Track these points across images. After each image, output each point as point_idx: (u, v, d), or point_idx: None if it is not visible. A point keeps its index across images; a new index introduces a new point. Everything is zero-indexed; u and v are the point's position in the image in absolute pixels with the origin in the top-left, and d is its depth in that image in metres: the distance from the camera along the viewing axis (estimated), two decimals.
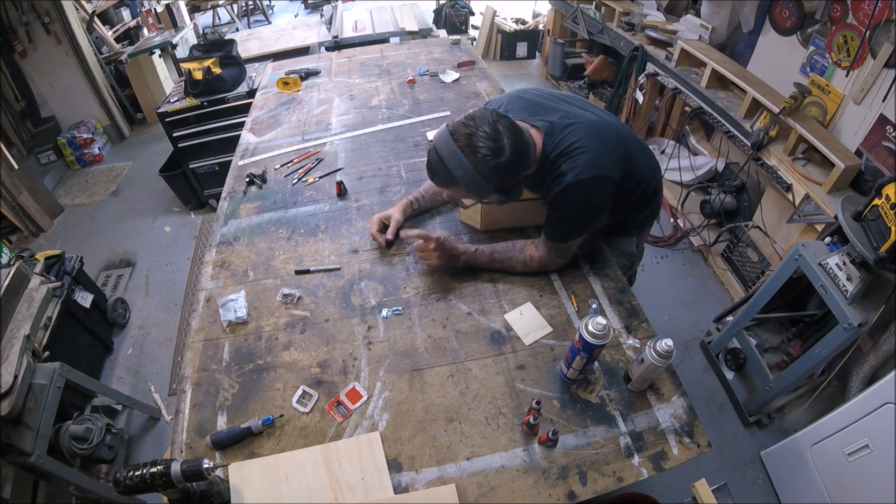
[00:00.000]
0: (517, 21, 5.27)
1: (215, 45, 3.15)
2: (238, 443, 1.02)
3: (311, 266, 1.40)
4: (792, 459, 1.74)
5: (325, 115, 2.15)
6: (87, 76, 4.01)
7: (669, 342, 0.95)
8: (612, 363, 1.12)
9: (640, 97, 3.16)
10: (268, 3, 7.22)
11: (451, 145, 1.06)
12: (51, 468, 1.53)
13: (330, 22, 3.80)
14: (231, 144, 2.25)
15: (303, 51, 3.53)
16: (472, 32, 5.64)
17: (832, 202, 1.87)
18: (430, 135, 1.91)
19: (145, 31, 4.77)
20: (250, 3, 6.70)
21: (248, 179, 1.75)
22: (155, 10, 4.79)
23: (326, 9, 4.06)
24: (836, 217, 1.69)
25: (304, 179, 1.76)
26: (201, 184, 3.30)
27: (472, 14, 5.59)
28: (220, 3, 6.07)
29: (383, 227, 1.46)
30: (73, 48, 3.86)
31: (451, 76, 2.36)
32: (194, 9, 5.82)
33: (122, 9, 4.71)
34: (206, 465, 0.85)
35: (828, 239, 1.74)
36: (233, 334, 1.24)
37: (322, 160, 1.85)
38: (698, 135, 3.16)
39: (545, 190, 1.21)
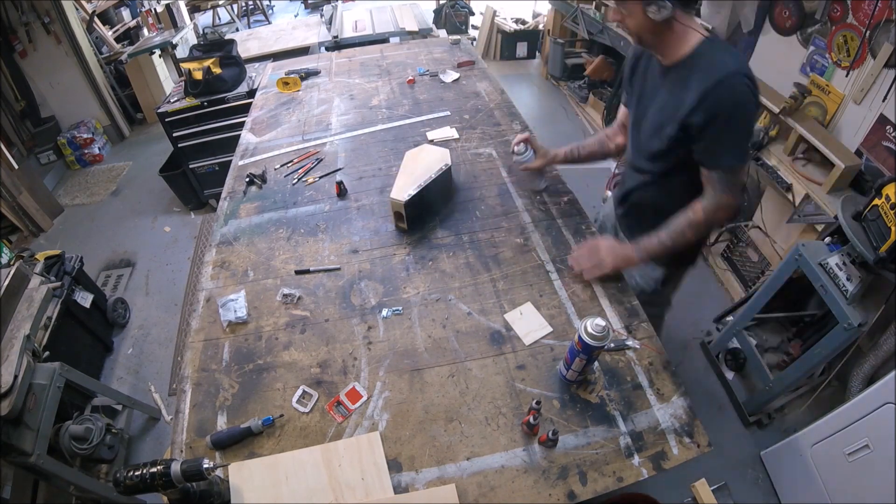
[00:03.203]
0: (517, 21, 5.27)
1: (215, 45, 3.15)
2: (238, 443, 1.02)
3: (311, 266, 1.40)
4: (792, 459, 1.74)
5: (325, 115, 2.15)
6: (87, 76, 4.01)
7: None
8: (612, 363, 1.12)
9: None
10: (268, 3, 7.22)
11: None
12: (51, 468, 1.53)
13: (330, 22, 3.81)
14: (231, 144, 2.25)
15: (303, 51, 3.53)
16: (472, 32, 5.64)
17: (832, 202, 1.87)
18: (431, 134, 1.91)
19: (145, 31, 4.78)
20: (250, 3, 6.70)
21: (248, 179, 1.75)
22: (155, 10, 4.80)
23: (326, 9, 4.07)
24: (836, 217, 1.69)
25: (304, 179, 1.76)
26: (201, 184, 3.30)
27: (472, 14, 5.60)
28: (220, 3, 6.07)
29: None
30: (73, 48, 3.86)
31: (451, 76, 2.36)
32: (194, 9, 5.82)
33: (122, 9, 4.72)
34: (206, 465, 0.85)
35: (828, 239, 1.74)
36: (233, 334, 1.24)
37: (322, 160, 1.85)
38: None
39: (695, 81, 1.08)
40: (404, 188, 1.44)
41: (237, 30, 5.75)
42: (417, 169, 1.50)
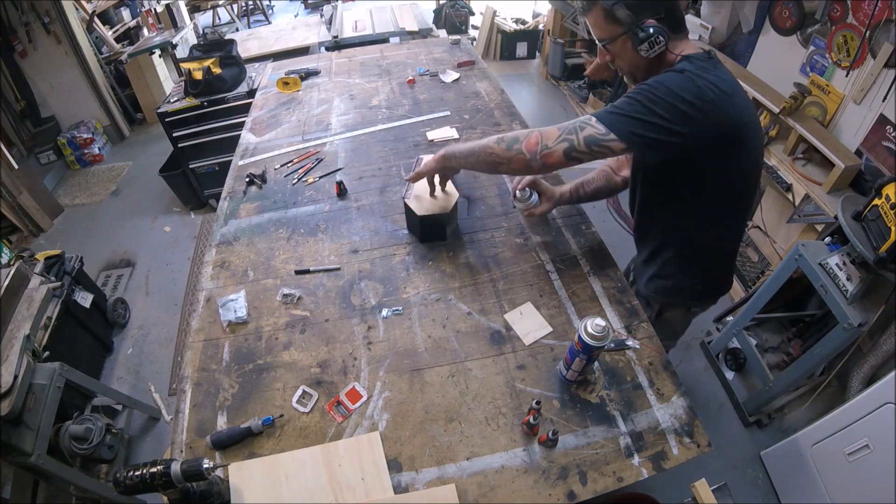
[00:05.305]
0: (517, 21, 5.28)
1: (215, 45, 3.15)
2: (238, 443, 1.02)
3: (311, 266, 1.40)
4: (792, 459, 1.74)
5: (325, 115, 2.15)
6: (87, 76, 4.01)
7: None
8: (612, 363, 1.12)
9: None
10: (268, 3, 7.22)
11: None
12: (51, 468, 1.53)
13: (330, 22, 3.81)
14: (231, 144, 2.25)
15: (303, 51, 3.53)
16: (472, 32, 5.64)
17: (832, 202, 1.87)
18: (430, 134, 1.91)
19: (145, 31, 4.78)
20: (250, 3, 6.70)
21: (248, 179, 1.75)
22: (155, 10, 4.79)
23: (326, 9, 4.07)
24: (836, 217, 1.69)
25: (304, 179, 1.76)
26: (201, 184, 3.30)
27: (472, 14, 5.60)
28: (220, 3, 6.07)
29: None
30: (73, 48, 3.86)
31: (451, 76, 2.36)
32: (194, 9, 5.82)
33: (122, 9, 4.72)
34: (206, 465, 0.84)
35: (828, 239, 1.74)
36: (233, 334, 1.24)
37: (322, 160, 1.85)
38: None
39: None
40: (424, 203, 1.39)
41: (237, 30, 5.75)
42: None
